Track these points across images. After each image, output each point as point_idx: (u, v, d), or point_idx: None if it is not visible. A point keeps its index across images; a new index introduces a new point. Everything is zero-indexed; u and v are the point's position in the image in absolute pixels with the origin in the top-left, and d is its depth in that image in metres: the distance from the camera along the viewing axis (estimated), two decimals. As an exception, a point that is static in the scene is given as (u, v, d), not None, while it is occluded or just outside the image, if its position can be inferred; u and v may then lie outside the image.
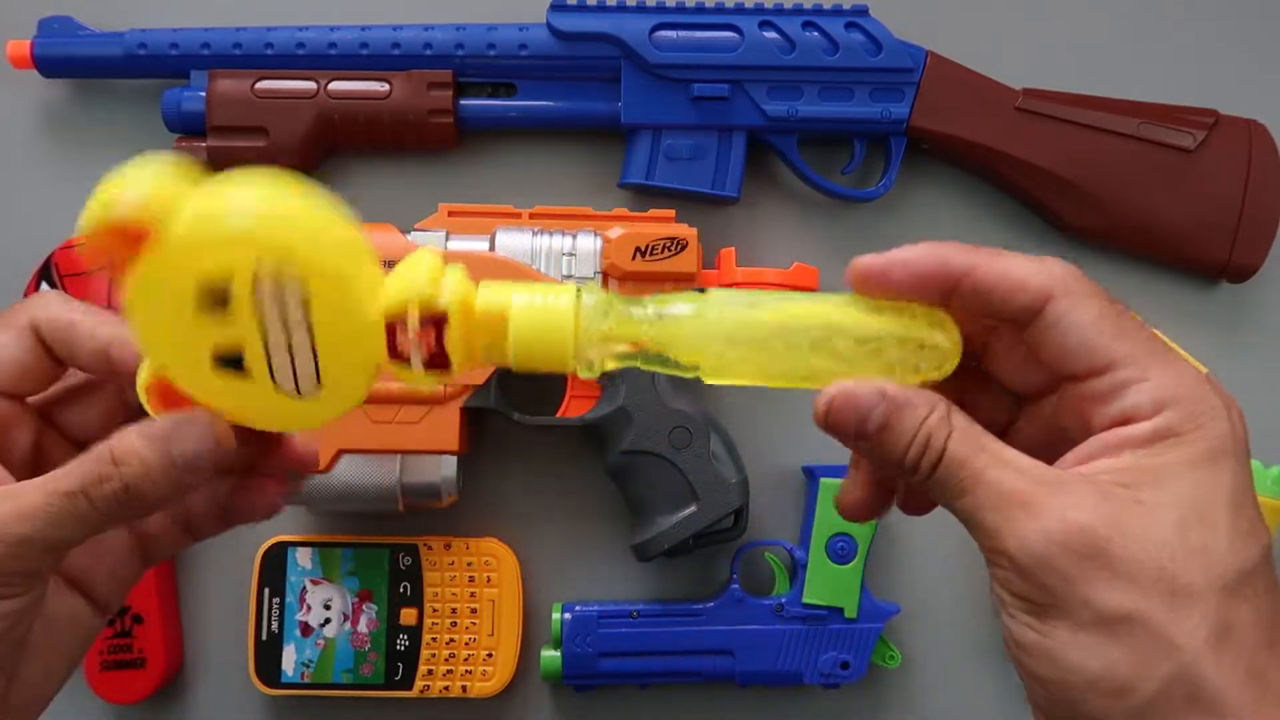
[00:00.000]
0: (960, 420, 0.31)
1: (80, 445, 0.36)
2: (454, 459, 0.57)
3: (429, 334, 0.30)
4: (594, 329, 0.32)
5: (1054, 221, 0.64)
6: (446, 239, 0.58)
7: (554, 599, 0.61)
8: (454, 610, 0.60)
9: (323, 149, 0.62)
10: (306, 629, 0.59)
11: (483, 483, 0.62)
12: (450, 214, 0.59)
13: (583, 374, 0.32)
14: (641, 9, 0.61)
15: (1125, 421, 0.30)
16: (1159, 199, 0.62)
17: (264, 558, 0.60)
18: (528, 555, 0.62)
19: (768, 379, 0.33)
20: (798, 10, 0.61)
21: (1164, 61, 0.66)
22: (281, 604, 0.59)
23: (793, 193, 0.65)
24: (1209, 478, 0.29)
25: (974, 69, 0.62)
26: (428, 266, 0.31)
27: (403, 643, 0.59)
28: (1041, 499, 0.29)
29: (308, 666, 0.59)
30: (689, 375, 0.33)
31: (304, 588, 0.60)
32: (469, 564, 0.60)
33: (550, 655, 0.59)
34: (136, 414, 0.34)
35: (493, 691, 0.60)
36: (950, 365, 0.32)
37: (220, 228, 0.28)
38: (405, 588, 0.60)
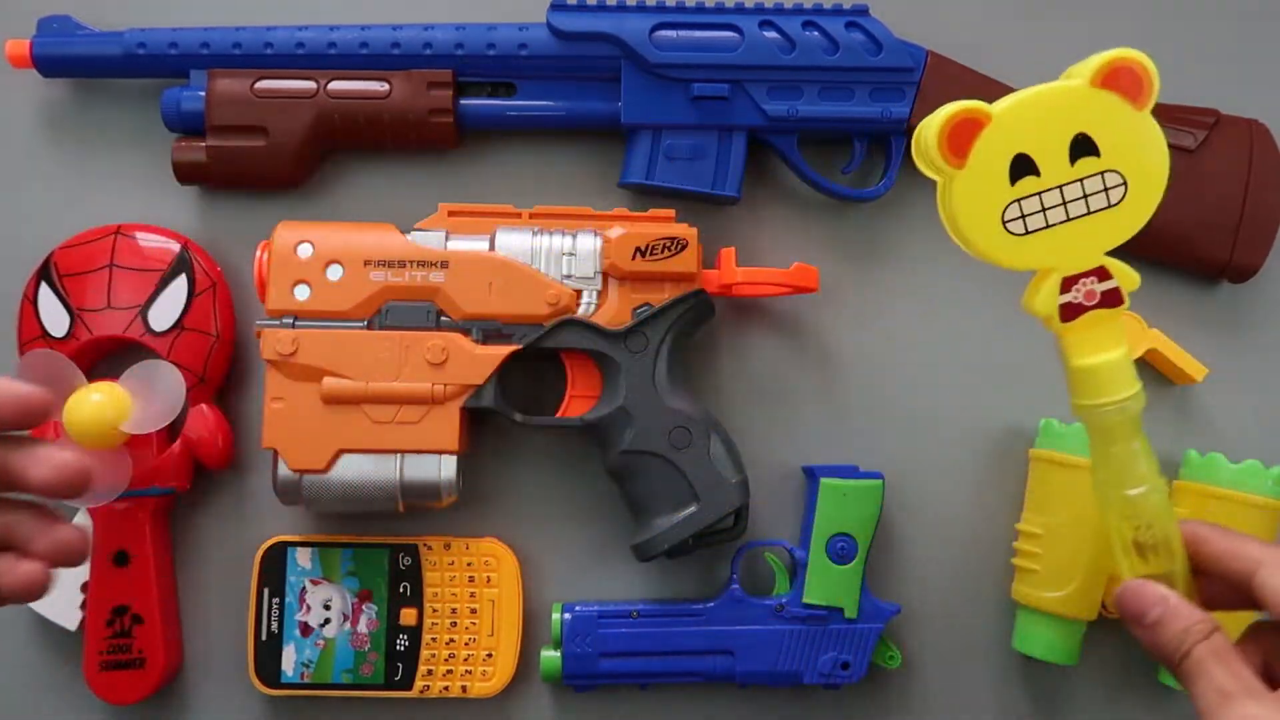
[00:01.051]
0: (1219, 636, 0.43)
1: None
2: (454, 459, 0.57)
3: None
4: None
5: (1054, 221, 0.63)
6: (446, 239, 0.58)
7: (554, 599, 0.61)
8: (454, 610, 0.60)
9: (323, 149, 0.62)
10: (306, 629, 0.59)
11: (483, 483, 0.62)
12: (450, 214, 0.59)
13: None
14: (641, 9, 0.61)
15: None
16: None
17: (264, 558, 0.60)
18: (528, 555, 0.62)
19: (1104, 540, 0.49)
20: (798, 10, 0.61)
21: (1164, 61, 0.66)
22: (281, 604, 0.59)
23: (793, 193, 0.65)
24: None
25: (974, 69, 0.62)
26: None
27: (403, 643, 0.59)
28: (1236, 706, 0.40)
29: (308, 667, 0.59)
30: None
31: (304, 588, 0.60)
32: (469, 564, 0.60)
33: (550, 655, 0.59)
34: None
35: (493, 691, 0.60)
36: None
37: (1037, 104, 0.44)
38: (405, 588, 0.60)
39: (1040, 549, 0.59)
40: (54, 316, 0.59)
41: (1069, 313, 0.46)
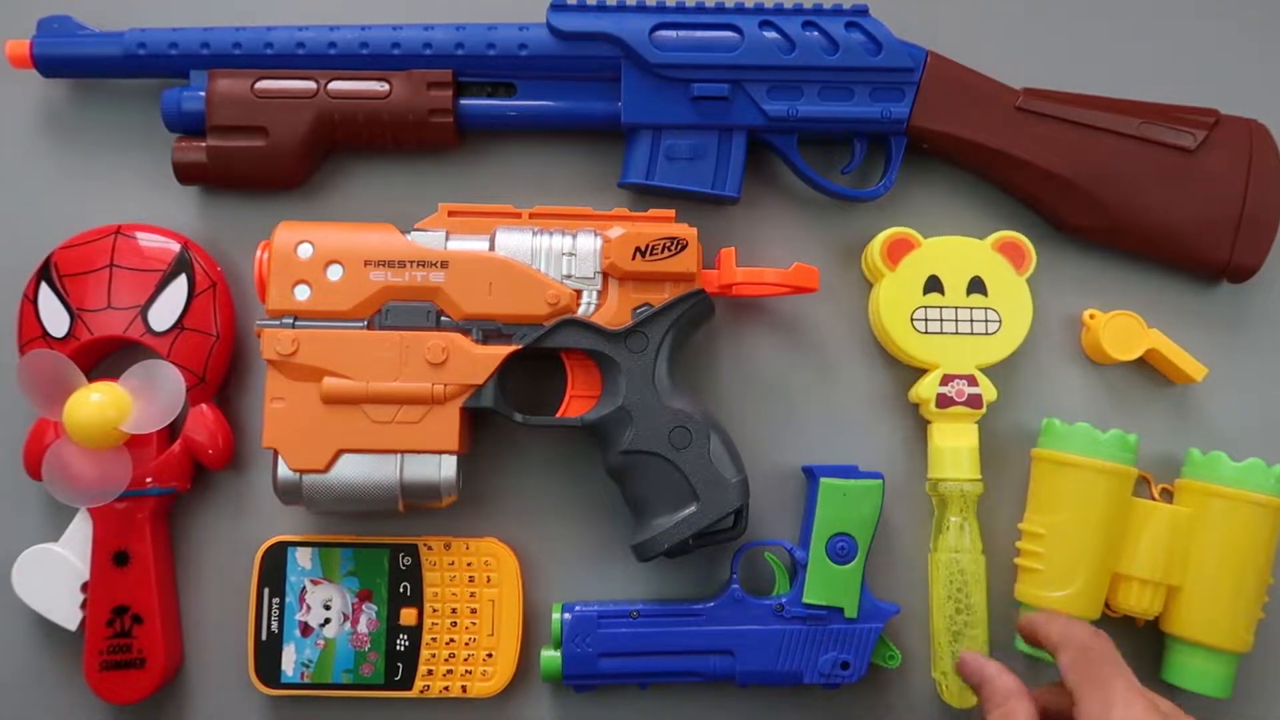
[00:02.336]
0: (1023, 706, 0.51)
1: None
2: (454, 459, 0.57)
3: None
4: None
5: (1054, 221, 0.64)
6: (446, 239, 0.58)
7: (554, 599, 0.61)
8: (454, 610, 0.60)
9: (323, 149, 0.62)
10: (306, 629, 0.59)
11: (483, 483, 0.62)
12: (450, 214, 0.59)
13: None
14: (641, 9, 0.61)
15: None
16: (1159, 199, 0.62)
17: (264, 558, 0.60)
18: (528, 555, 0.62)
19: None
20: (798, 10, 0.61)
21: (1164, 61, 0.66)
22: (281, 604, 0.59)
23: (793, 193, 0.65)
24: None
25: (974, 69, 0.62)
26: None
27: (403, 643, 0.59)
28: None
29: (308, 666, 0.59)
30: None
31: (304, 588, 0.60)
32: (469, 564, 0.60)
33: (550, 655, 0.59)
34: None
35: (493, 691, 0.60)
36: None
37: (954, 246, 0.63)
38: (405, 588, 0.60)
39: (1043, 548, 0.59)
40: (54, 316, 0.59)
41: (942, 402, 0.61)
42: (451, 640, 0.60)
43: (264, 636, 0.59)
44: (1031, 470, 0.61)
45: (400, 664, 0.59)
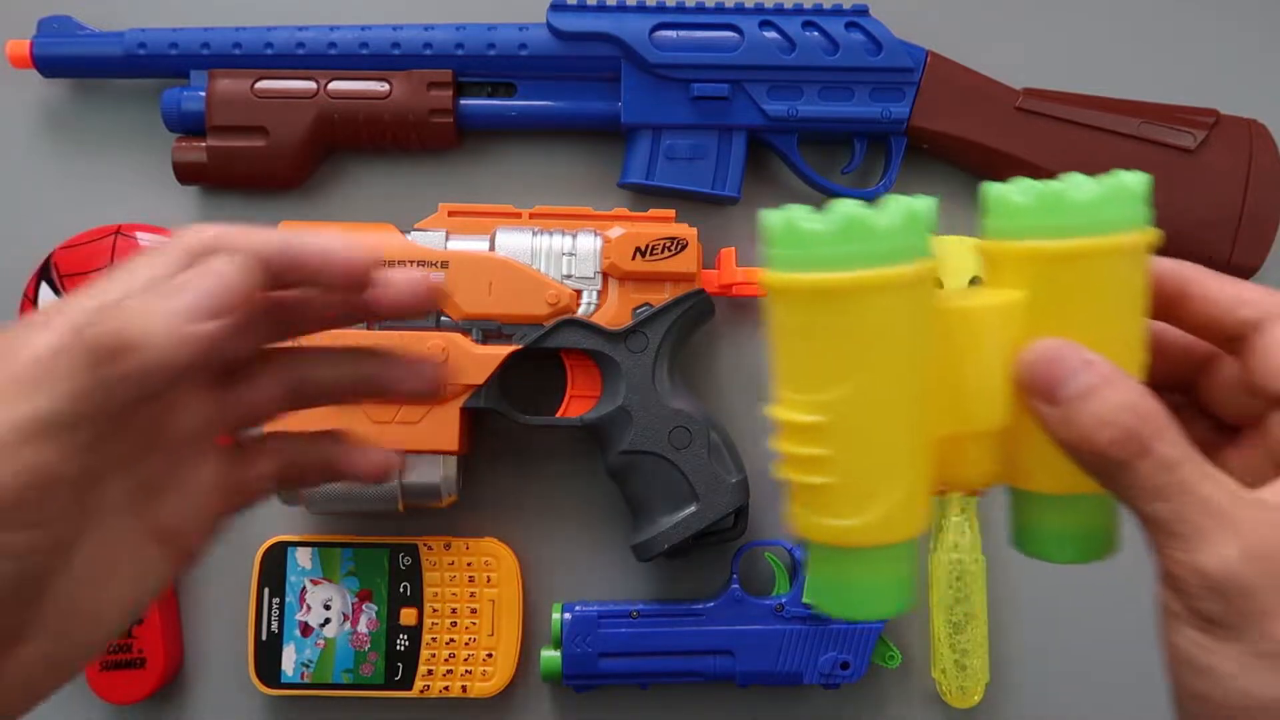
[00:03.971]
0: (1173, 424, 0.31)
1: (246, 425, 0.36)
2: (454, 459, 0.57)
3: None
4: None
5: (1054, 221, 0.63)
6: (446, 239, 0.58)
7: (554, 599, 0.61)
8: (454, 610, 0.60)
9: (323, 149, 0.62)
10: (306, 629, 0.59)
11: (483, 483, 0.62)
12: (450, 214, 0.59)
13: None
14: (641, 9, 0.61)
15: None
16: (1159, 199, 0.60)
17: (264, 558, 0.60)
18: (528, 555, 0.62)
19: None
20: (798, 10, 0.61)
21: (1164, 61, 0.66)
22: (281, 604, 0.59)
23: (793, 193, 0.65)
24: None
25: (974, 69, 0.62)
26: None
27: (403, 643, 0.59)
28: (1247, 519, 0.29)
29: (308, 666, 0.59)
30: None
31: (304, 588, 0.60)
32: (469, 564, 0.60)
33: (550, 655, 0.59)
34: (305, 399, 0.36)
35: (493, 691, 0.60)
36: None
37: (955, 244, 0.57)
38: (405, 588, 0.60)
39: (830, 447, 0.32)
40: (54, 316, 0.59)
41: None
42: (451, 640, 0.60)
43: (264, 636, 0.59)
44: (772, 320, 0.35)
45: (400, 664, 0.59)
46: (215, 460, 0.35)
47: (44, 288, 0.60)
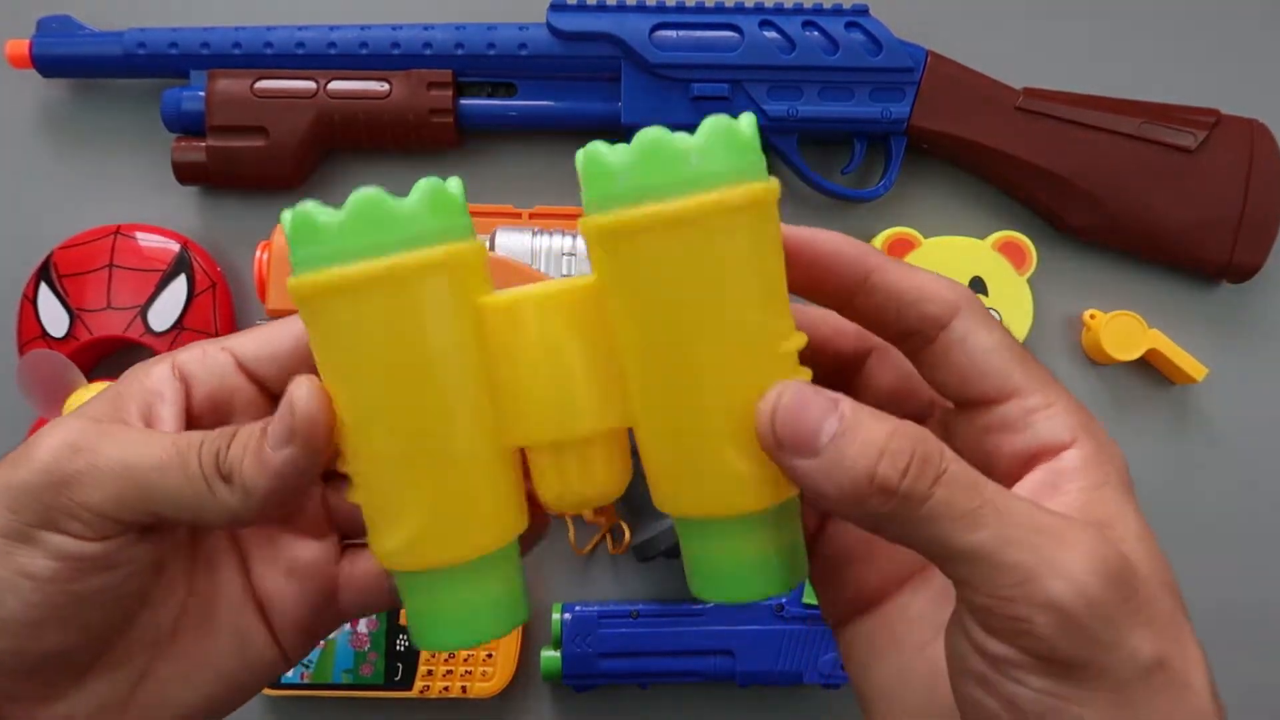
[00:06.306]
0: (942, 443, 0.26)
1: None
2: (454, 459, 0.57)
3: None
4: None
5: (1054, 221, 0.64)
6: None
7: (554, 599, 0.61)
8: (454, 610, 0.60)
9: (322, 149, 0.62)
10: (306, 629, 0.59)
11: (482, 483, 0.62)
12: (450, 214, 0.59)
13: None
14: (641, 9, 0.61)
15: (1041, 450, 0.27)
16: (1159, 199, 0.61)
17: (264, 558, 0.60)
18: (528, 555, 0.62)
19: None
20: (798, 10, 0.61)
21: (1164, 61, 0.66)
22: (281, 604, 0.59)
23: (793, 193, 0.64)
24: (1133, 508, 0.27)
25: (974, 69, 0.62)
26: None
27: (402, 643, 0.59)
28: (1074, 534, 0.25)
29: (307, 667, 0.59)
30: None
31: (304, 588, 0.60)
32: (469, 564, 0.60)
33: (550, 655, 0.59)
34: None
35: (493, 691, 0.60)
36: None
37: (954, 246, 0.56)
38: (405, 588, 0.60)
39: (357, 464, 0.28)
40: (53, 317, 0.59)
41: None
42: (451, 640, 0.60)
43: (264, 637, 0.59)
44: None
45: (400, 664, 0.59)
46: (320, 545, 0.34)
47: (43, 287, 0.60)
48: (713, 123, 0.27)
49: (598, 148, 0.28)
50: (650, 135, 0.27)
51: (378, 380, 0.27)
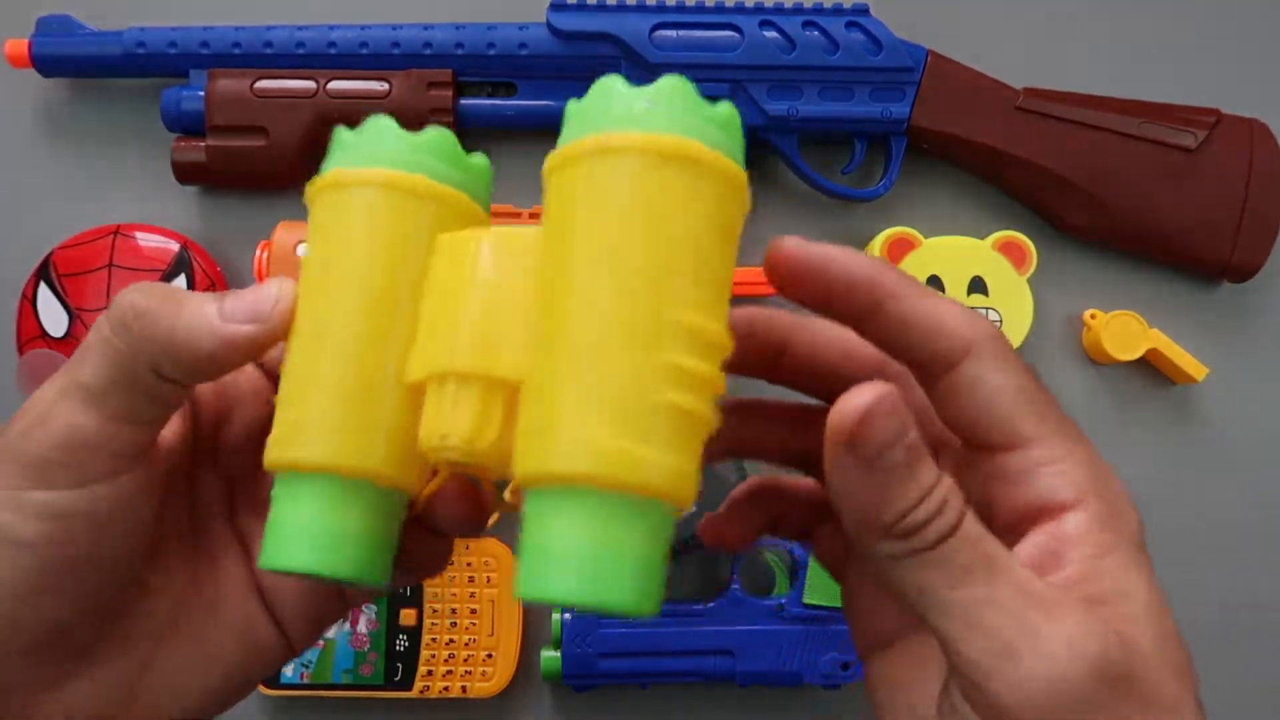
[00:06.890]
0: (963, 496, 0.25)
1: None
2: (453, 459, 0.57)
3: None
4: None
5: (1054, 221, 0.64)
6: (446, 239, 0.58)
7: (554, 599, 0.61)
8: (453, 610, 0.60)
9: (323, 149, 0.62)
10: (306, 629, 0.59)
11: (482, 483, 0.62)
12: (450, 214, 0.59)
13: None
14: (641, 8, 0.61)
15: (1043, 508, 0.26)
16: (1160, 199, 0.61)
17: (263, 558, 0.60)
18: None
19: None
20: (798, 10, 0.61)
21: (1164, 61, 0.66)
22: (281, 604, 0.59)
23: (793, 193, 0.64)
24: (1147, 580, 0.25)
25: (974, 69, 0.62)
26: None
27: (402, 643, 0.59)
28: (1063, 609, 0.23)
29: (307, 667, 0.59)
30: None
31: (303, 588, 0.60)
32: (469, 564, 0.60)
33: (550, 655, 0.59)
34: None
35: (493, 692, 0.60)
36: None
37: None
38: (404, 588, 0.60)
39: (289, 350, 0.29)
40: (53, 316, 0.59)
41: None
42: (451, 640, 0.60)
43: (263, 637, 0.59)
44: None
45: (400, 664, 0.59)
46: None
47: (43, 287, 0.60)
48: (672, 80, 0.27)
49: (574, 99, 0.28)
50: (605, 79, 0.27)
51: (321, 272, 0.28)
